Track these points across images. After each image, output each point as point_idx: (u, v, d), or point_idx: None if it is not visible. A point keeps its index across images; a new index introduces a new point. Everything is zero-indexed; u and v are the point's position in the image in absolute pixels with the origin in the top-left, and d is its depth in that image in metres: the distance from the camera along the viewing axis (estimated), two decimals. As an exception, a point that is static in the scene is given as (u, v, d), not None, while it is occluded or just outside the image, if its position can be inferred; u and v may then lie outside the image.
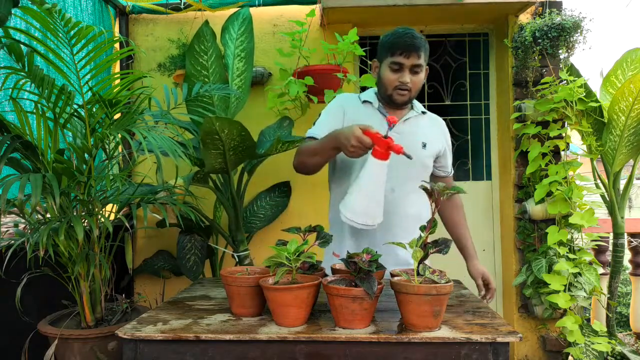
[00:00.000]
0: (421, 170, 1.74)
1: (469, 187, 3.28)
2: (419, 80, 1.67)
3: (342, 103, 1.79)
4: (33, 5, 1.69)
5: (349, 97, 1.82)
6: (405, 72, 1.64)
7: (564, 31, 2.66)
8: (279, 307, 1.19)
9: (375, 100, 1.76)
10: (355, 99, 1.80)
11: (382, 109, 1.74)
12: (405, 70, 1.64)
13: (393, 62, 1.64)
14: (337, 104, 1.79)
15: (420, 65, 1.64)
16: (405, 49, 1.61)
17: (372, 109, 1.75)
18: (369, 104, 1.76)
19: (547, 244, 2.63)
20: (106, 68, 2.00)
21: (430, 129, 1.79)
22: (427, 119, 1.81)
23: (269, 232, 2.99)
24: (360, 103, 1.78)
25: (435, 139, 1.78)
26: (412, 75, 1.65)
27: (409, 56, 1.61)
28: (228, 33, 2.73)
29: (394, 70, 1.65)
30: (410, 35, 1.62)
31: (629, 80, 2.46)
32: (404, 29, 1.66)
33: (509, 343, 1.12)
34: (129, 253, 2.14)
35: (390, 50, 1.64)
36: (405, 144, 1.60)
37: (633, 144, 2.62)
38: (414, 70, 1.64)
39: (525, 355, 3.01)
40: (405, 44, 1.61)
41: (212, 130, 2.05)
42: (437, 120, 1.85)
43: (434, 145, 1.77)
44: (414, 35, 1.62)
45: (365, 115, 1.74)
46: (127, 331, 1.18)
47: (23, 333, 2.01)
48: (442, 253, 1.22)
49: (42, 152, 1.82)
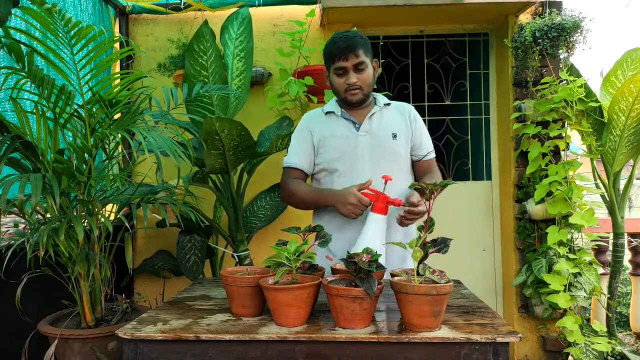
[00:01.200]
0: (398, 161, 1.79)
1: (469, 187, 3.28)
2: (366, 76, 1.73)
3: (307, 124, 1.85)
4: (33, 5, 1.69)
5: (313, 115, 1.88)
6: (349, 74, 1.71)
7: (564, 31, 2.66)
8: (279, 307, 1.19)
9: (337, 108, 1.82)
10: (319, 114, 1.87)
11: (346, 114, 1.81)
12: (349, 71, 1.71)
13: (336, 68, 1.73)
14: (302, 127, 1.86)
15: (362, 62, 1.70)
16: (342, 53, 1.69)
17: (336, 118, 1.82)
18: (332, 114, 1.83)
19: (547, 244, 2.63)
20: (106, 68, 2.00)
21: (397, 118, 1.83)
22: (393, 109, 1.85)
23: (269, 232, 2.99)
24: (324, 116, 1.84)
25: (404, 126, 1.82)
26: (358, 74, 1.72)
27: (347, 58, 1.69)
28: (227, 33, 2.73)
29: (340, 74, 1.74)
30: (344, 38, 1.70)
31: (629, 80, 2.46)
32: (340, 33, 1.73)
33: (509, 343, 1.12)
34: (129, 253, 2.14)
35: (331, 58, 1.73)
36: (376, 140, 1.75)
37: (633, 144, 2.62)
38: (358, 68, 1.71)
39: (525, 355, 3.01)
40: (340, 49, 1.69)
41: (212, 130, 2.05)
42: (403, 107, 1.88)
43: (405, 133, 1.81)
44: (347, 37, 1.70)
45: (331, 127, 1.81)
46: (127, 331, 1.18)
47: (23, 333, 2.01)
48: (442, 252, 1.22)
49: (42, 152, 1.82)
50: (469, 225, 3.26)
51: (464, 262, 3.18)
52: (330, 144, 1.79)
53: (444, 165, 3.41)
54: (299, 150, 1.83)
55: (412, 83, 3.34)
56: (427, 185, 1.23)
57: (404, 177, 1.81)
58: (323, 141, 1.80)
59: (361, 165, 1.76)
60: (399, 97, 3.31)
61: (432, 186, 1.22)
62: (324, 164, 1.80)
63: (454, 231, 3.11)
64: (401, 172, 1.80)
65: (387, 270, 1.45)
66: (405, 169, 1.83)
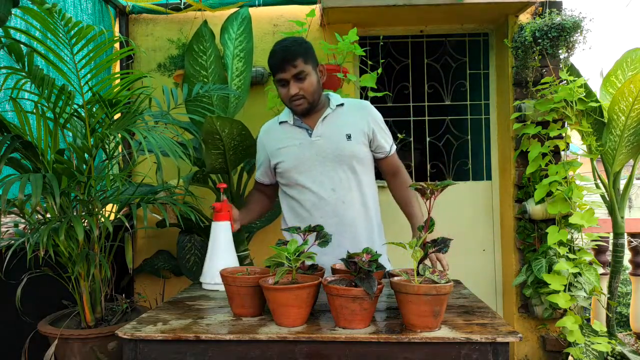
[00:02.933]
0: (356, 162, 1.78)
1: (469, 187, 3.28)
2: (308, 85, 1.70)
3: (261, 139, 1.90)
4: (33, 5, 1.69)
5: (267, 129, 1.91)
6: (291, 85, 1.69)
7: (564, 31, 2.66)
8: (279, 307, 1.19)
9: (290, 116, 1.82)
10: (273, 125, 1.88)
11: (298, 121, 1.80)
12: (290, 82, 1.69)
13: (278, 80, 1.72)
14: (258, 142, 1.92)
15: (302, 71, 1.68)
16: (279, 65, 1.67)
17: (289, 127, 1.82)
18: (285, 124, 1.83)
19: (547, 244, 2.63)
20: (106, 68, 2.00)
21: (352, 118, 1.79)
22: (347, 109, 1.81)
23: (269, 232, 2.99)
24: (278, 127, 1.85)
25: (359, 125, 1.78)
26: (299, 83, 1.69)
27: (284, 70, 1.67)
28: (227, 33, 2.73)
29: (282, 85, 1.72)
30: (281, 49, 1.68)
31: (629, 80, 2.46)
32: (279, 43, 1.71)
33: (509, 343, 1.12)
34: (129, 253, 2.14)
35: (272, 71, 1.72)
36: (330, 143, 1.75)
37: (633, 144, 2.62)
38: (298, 77, 1.69)
39: (525, 355, 3.01)
40: (278, 61, 1.68)
41: (213, 129, 2.05)
42: (359, 105, 1.85)
43: (360, 132, 1.77)
44: (284, 48, 1.67)
45: (282, 136, 1.82)
46: (127, 331, 1.18)
47: (23, 333, 2.01)
48: (442, 252, 1.22)
49: (42, 152, 1.81)
50: (469, 225, 3.25)
51: (464, 262, 3.18)
52: (285, 154, 1.80)
53: (443, 166, 3.41)
54: (260, 165, 1.92)
55: (412, 83, 3.34)
56: (428, 186, 1.23)
57: (366, 177, 1.81)
58: (277, 152, 1.81)
59: (318, 171, 1.76)
60: (399, 97, 3.33)
61: (433, 186, 1.22)
62: (283, 174, 1.82)
63: (454, 231, 3.10)
64: (363, 172, 1.79)
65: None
66: (366, 170, 1.81)
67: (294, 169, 1.78)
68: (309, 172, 1.76)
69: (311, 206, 1.77)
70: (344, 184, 1.76)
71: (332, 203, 1.75)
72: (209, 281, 1.64)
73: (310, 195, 1.77)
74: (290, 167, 1.78)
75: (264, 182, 1.95)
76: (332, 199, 1.75)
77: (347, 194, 1.76)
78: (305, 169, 1.77)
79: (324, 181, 1.75)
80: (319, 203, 1.76)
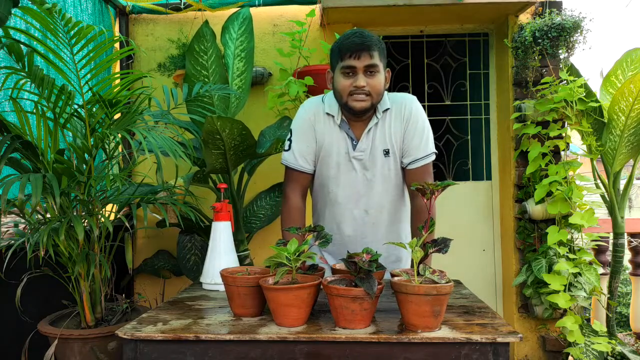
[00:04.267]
0: (389, 179, 1.65)
1: (469, 187, 3.28)
2: (377, 83, 1.51)
3: (310, 119, 1.65)
4: (33, 5, 1.69)
5: (315, 110, 1.65)
6: (359, 75, 1.49)
7: (564, 31, 2.66)
8: (279, 307, 1.19)
9: (338, 113, 1.61)
10: (320, 110, 1.65)
11: (345, 124, 1.61)
12: (358, 73, 1.49)
13: (344, 67, 1.50)
14: (304, 121, 1.66)
15: (375, 65, 1.49)
16: (355, 50, 1.47)
17: (333, 125, 1.63)
18: (330, 118, 1.63)
19: (547, 244, 2.63)
20: (106, 68, 2.00)
21: (394, 127, 1.62)
22: (392, 115, 1.62)
23: (269, 232, 2.99)
24: (325, 117, 1.64)
25: (399, 134, 1.62)
26: (368, 78, 1.50)
27: (359, 56, 1.47)
28: (228, 33, 2.73)
29: (347, 74, 1.51)
30: (359, 34, 1.49)
31: (629, 80, 2.46)
32: (352, 30, 1.52)
33: (509, 343, 1.12)
34: (129, 253, 2.14)
35: (340, 55, 1.51)
36: (369, 161, 1.63)
37: (633, 144, 2.62)
38: (369, 71, 1.50)
39: (525, 355, 3.01)
40: (354, 44, 1.47)
41: (213, 129, 2.05)
42: (402, 107, 1.63)
43: (397, 143, 1.63)
44: (363, 35, 1.49)
45: (329, 134, 1.63)
46: (127, 331, 1.18)
47: (23, 333, 2.01)
48: (442, 252, 1.22)
49: (42, 152, 1.81)
50: (469, 225, 3.26)
51: (464, 262, 3.18)
52: (326, 160, 1.65)
53: (443, 166, 3.41)
54: (301, 150, 1.64)
55: (412, 83, 3.34)
56: (428, 186, 1.23)
57: (393, 191, 1.68)
58: (322, 149, 1.64)
59: (353, 187, 1.65)
60: (399, 97, 3.33)
61: (433, 186, 1.22)
62: (319, 178, 1.70)
63: (454, 231, 3.11)
64: (394, 187, 1.68)
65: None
66: (396, 184, 1.68)
67: (334, 180, 1.66)
68: (345, 189, 1.66)
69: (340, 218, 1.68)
70: (374, 206, 1.67)
71: (363, 223, 1.68)
72: (209, 281, 1.64)
73: (342, 209, 1.68)
74: (328, 176, 1.66)
75: (305, 169, 1.66)
76: (364, 220, 1.67)
77: (379, 215, 1.68)
78: (342, 183, 1.65)
79: (360, 200, 1.66)
80: (349, 220, 1.69)
